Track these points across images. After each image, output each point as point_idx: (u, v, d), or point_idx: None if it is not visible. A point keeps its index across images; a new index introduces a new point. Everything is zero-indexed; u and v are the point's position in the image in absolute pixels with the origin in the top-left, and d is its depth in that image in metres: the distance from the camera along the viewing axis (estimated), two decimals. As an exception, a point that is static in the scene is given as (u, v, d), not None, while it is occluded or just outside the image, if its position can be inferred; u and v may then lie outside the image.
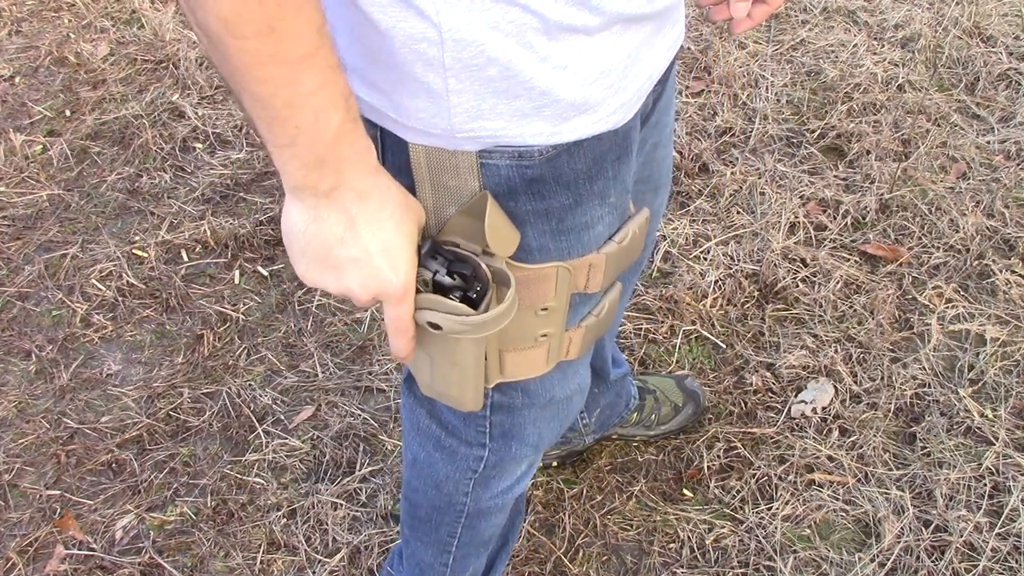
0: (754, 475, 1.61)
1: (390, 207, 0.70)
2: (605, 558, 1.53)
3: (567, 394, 1.01)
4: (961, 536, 1.51)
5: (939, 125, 2.24)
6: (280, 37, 0.59)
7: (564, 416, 1.05)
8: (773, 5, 0.91)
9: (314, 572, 1.51)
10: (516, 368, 0.91)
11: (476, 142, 0.73)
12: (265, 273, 1.96)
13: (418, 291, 0.76)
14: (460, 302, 0.76)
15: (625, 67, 0.75)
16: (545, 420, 1.02)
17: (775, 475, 1.61)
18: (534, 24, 0.67)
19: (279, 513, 1.58)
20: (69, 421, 1.72)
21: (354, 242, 0.70)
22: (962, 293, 1.88)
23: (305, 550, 1.53)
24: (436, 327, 0.77)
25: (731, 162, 2.17)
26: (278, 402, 1.74)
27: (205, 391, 1.76)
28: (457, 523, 1.15)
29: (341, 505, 1.58)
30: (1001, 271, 1.90)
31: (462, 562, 1.21)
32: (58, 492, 1.63)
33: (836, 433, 1.66)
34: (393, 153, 0.77)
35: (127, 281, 1.95)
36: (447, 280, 0.76)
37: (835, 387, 1.73)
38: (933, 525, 1.53)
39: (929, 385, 1.73)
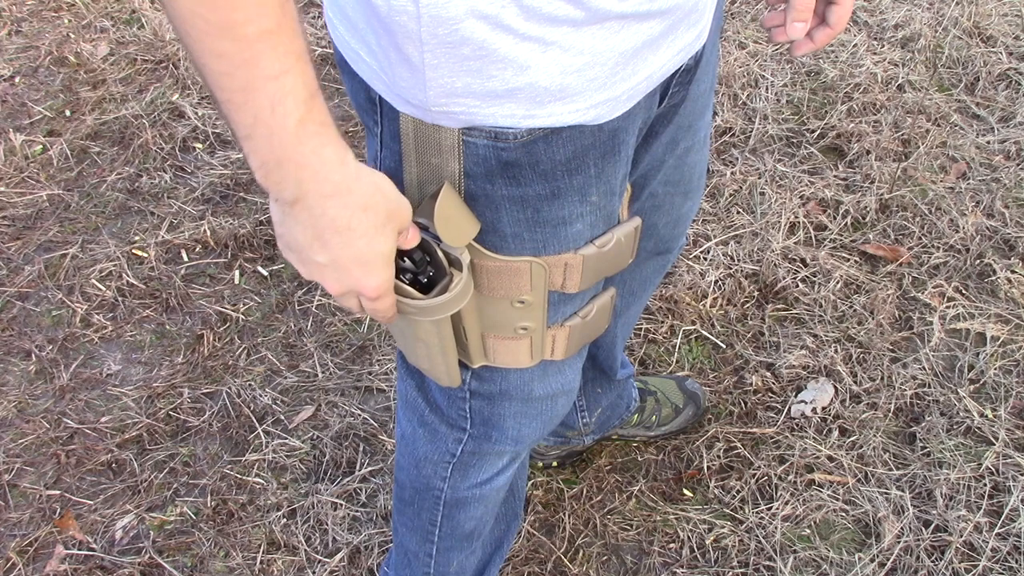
0: (754, 475, 1.61)
1: (362, 220, 0.69)
2: (605, 558, 1.53)
3: (548, 392, 1.01)
4: (961, 536, 1.51)
5: (939, 125, 2.24)
6: (235, 4, 0.57)
7: (547, 416, 1.04)
8: (836, 28, 0.91)
9: (314, 572, 1.51)
10: (499, 355, 0.92)
11: (451, 118, 0.73)
12: (265, 273, 1.96)
13: None
14: (412, 284, 0.78)
15: (616, 64, 0.73)
16: (527, 416, 1.02)
17: (775, 475, 1.61)
18: (513, 10, 0.66)
19: (279, 513, 1.58)
20: (69, 421, 1.72)
21: (323, 252, 0.70)
22: (962, 293, 1.88)
23: (305, 550, 1.53)
24: None
25: (731, 162, 2.17)
26: (278, 402, 1.74)
27: (205, 391, 1.76)
28: (436, 509, 1.15)
29: (341, 505, 1.58)
30: (1001, 271, 1.90)
31: (446, 554, 1.22)
32: (58, 492, 1.63)
33: (836, 433, 1.66)
34: (389, 120, 0.77)
35: (127, 281, 1.95)
36: (398, 261, 0.77)
37: (835, 387, 1.73)
38: (933, 525, 1.53)
39: (929, 385, 1.73)
